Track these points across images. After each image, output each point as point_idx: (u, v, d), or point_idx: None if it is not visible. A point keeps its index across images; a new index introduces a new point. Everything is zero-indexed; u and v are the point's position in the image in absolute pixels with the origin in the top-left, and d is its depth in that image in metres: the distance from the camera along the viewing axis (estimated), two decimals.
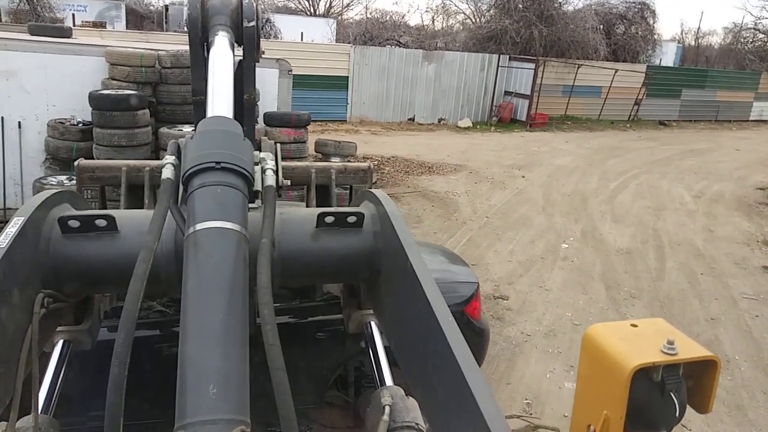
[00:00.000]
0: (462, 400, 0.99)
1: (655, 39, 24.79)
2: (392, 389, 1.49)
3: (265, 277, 1.02)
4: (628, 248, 7.70)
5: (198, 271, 1.00)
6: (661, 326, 1.73)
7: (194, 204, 1.11)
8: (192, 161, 1.17)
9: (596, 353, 1.71)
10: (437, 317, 1.13)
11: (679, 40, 41.25)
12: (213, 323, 0.93)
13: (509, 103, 18.60)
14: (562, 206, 9.53)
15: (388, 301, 1.50)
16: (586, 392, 1.79)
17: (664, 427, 1.65)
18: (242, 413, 0.84)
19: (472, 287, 4.20)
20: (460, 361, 1.02)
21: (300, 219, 1.51)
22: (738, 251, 7.93)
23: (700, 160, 14.91)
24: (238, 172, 1.18)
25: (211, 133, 1.25)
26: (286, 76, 7.78)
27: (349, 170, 2.60)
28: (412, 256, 1.30)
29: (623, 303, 6.01)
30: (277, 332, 0.94)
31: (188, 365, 0.87)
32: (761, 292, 6.53)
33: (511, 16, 20.31)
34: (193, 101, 1.65)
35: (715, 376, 1.63)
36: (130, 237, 1.37)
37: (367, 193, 1.69)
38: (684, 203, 10.34)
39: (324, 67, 16.04)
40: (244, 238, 1.09)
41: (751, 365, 4.95)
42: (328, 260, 1.50)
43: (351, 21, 31.34)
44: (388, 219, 1.45)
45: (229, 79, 1.53)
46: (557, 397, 4.24)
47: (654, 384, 1.60)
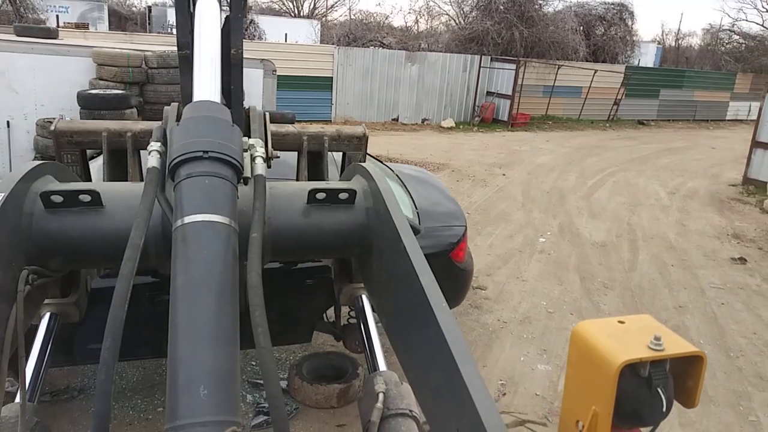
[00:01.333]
0: (454, 388, 0.98)
1: (633, 40, 25.27)
2: (386, 375, 1.49)
3: (256, 276, 0.99)
4: (603, 242, 7.98)
5: (187, 268, 0.98)
6: (647, 322, 1.84)
7: (181, 195, 1.08)
8: (178, 150, 1.13)
9: (584, 350, 1.76)
10: (431, 304, 1.11)
11: (660, 42, 41.94)
12: (203, 322, 0.91)
13: (491, 103, 18.90)
14: (540, 203, 9.80)
15: (379, 279, 1.48)
16: (575, 388, 1.86)
17: (652, 422, 1.71)
18: (233, 413, 0.83)
19: (460, 231, 4.42)
20: (454, 351, 1.00)
21: (290, 195, 1.48)
22: (708, 244, 8.24)
23: (677, 158, 15.30)
24: (227, 162, 1.14)
25: (197, 120, 1.20)
26: (271, 77, 7.95)
27: (342, 136, 2.47)
28: (405, 237, 1.28)
29: (596, 293, 6.27)
30: (268, 334, 0.92)
31: (178, 366, 0.86)
32: (728, 282, 6.83)
33: (493, 17, 20.64)
34: (179, 56, 1.57)
35: (701, 371, 1.72)
36: (115, 212, 1.33)
37: (359, 167, 1.65)
38: (659, 199, 10.67)
39: (308, 68, 16.22)
40: (233, 231, 1.07)
41: (714, 348, 5.23)
42: (319, 236, 1.47)
43: (335, 22, 31.51)
44: (381, 196, 1.42)
45: (216, 40, 1.46)
46: (530, 378, 4.48)
47: (641, 379, 1.65)
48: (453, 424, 1.00)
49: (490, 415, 0.89)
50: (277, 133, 2.29)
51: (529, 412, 4.05)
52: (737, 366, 4.93)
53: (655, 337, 1.66)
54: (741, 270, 7.29)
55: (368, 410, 1.38)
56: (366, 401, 1.44)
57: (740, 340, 5.41)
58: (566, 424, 1.85)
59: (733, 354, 5.15)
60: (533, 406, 4.13)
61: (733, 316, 5.93)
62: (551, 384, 4.43)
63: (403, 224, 1.32)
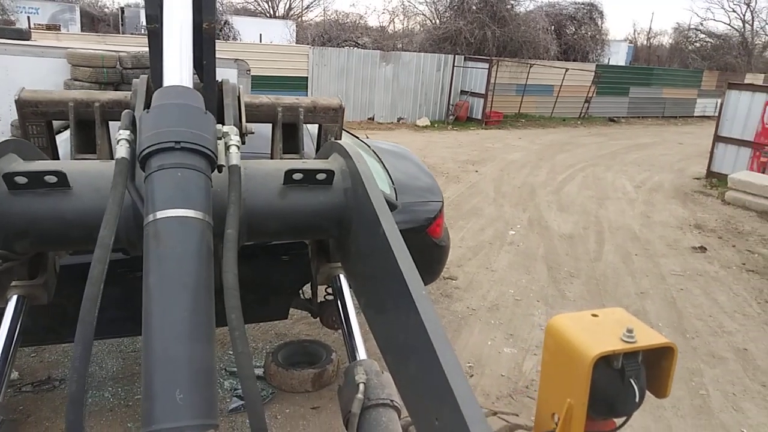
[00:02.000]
0: (432, 376, 0.98)
1: (603, 39, 25.81)
2: (366, 364, 1.47)
3: (232, 277, 0.97)
4: (570, 233, 8.26)
5: (159, 266, 0.95)
6: (620, 315, 1.90)
7: (153, 189, 1.04)
8: (149, 140, 1.09)
9: (559, 343, 1.81)
10: (409, 289, 1.10)
11: (631, 40, 42.77)
12: (178, 322, 0.89)
13: (465, 102, 19.18)
14: (511, 197, 10.07)
15: (357, 260, 1.46)
16: (550, 382, 1.89)
17: (625, 413, 1.77)
18: (210, 416, 0.82)
19: (437, 206, 4.45)
20: (432, 338, 1.00)
21: (266, 175, 1.44)
22: (671, 234, 8.58)
23: (645, 153, 15.73)
24: (200, 152, 1.10)
25: (168, 107, 1.15)
26: (245, 76, 8.07)
27: (318, 108, 2.41)
28: (384, 220, 1.26)
29: (562, 281, 6.53)
30: (246, 339, 0.91)
31: (153, 368, 0.84)
32: (688, 269, 7.15)
33: (465, 17, 20.94)
34: (147, 29, 1.49)
35: (673, 361, 1.77)
36: (83, 193, 1.28)
37: (336, 144, 1.62)
38: (626, 193, 11.02)
39: (283, 68, 16.32)
40: (207, 226, 1.04)
41: (671, 330, 5.52)
42: (296, 217, 1.44)
43: (311, 23, 31.58)
44: (359, 176, 1.40)
45: (187, 13, 1.39)
46: (496, 361, 4.70)
47: (615, 371, 1.69)
48: (432, 412, 0.99)
49: (469, 405, 0.89)
50: (251, 104, 2.22)
51: (494, 391, 4.28)
52: (692, 346, 5.22)
53: (628, 329, 1.70)
54: (701, 258, 7.63)
55: (348, 401, 1.36)
56: (346, 392, 1.42)
57: (696, 323, 5.71)
58: (542, 418, 1.89)
59: (689, 335, 5.44)
60: (498, 386, 4.35)
61: (691, 300, 6.23)
62: (516, 366, 4.65)
63: (381, 206, 1.30)
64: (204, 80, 1.58)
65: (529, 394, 4.28)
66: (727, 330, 5.59)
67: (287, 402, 4.02)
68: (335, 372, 4.28)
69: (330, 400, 4.07)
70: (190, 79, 1.28)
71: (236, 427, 3.70)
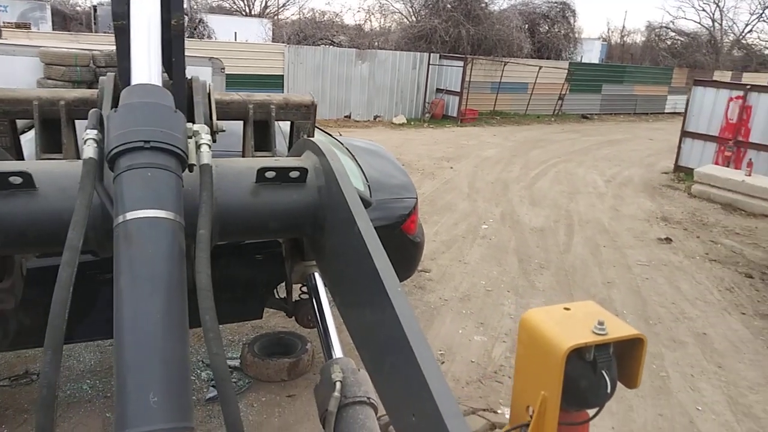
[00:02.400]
0: (409, 373, 0.98)
1: (576, 37, 26.24)
2: (342, 362, 1.46)
3: (205, 278, 0.96)
4: (541, 227, 8.48)
5: (130, 268, 0.93)
6: (591, 308, 1.93)
7: (122, 189, 1.02)
8: (117, 139, 1.07)
9: (532, 337, 1.83)
10: (385, 286, 1.10)
11: (605, 38, 43.45)
12: (150, 325, 0.87)
13: (441, 99, 19.38)
14: (485, 193, 10.27)
15: (332, 258, 1.45)
16: (524, 375, 1.91)
17: (597, 404, 1.81)
18: (185, 418, 0.81)
19: (411, 202, 4.46)
20: (408, 335, 1.00)
21: (238, 173, 1.43)
22: (638, 226, 8.85)
23: (616, 149, 16.09)
24: (170, 152, 1.08)
25: (137, 106, 1.13)
26: (219, 74, 8.12)
27: (290, 105, 2.38)
28: (359, 217, 1.25)
29: (533, 272, 6.73)
30: (221, 340, 0.91)
31: (126, 371, 0.83)
32: (653, 260, 7.41)
33: (440, 15, 21.14)
34: (114, 27, 1.46)
35: (642, 352, 1.80)
36: (50, 194, 1.25)
37: (309, 142, 1.60)
38: (596, 187, 11.30)
39: (259, 67, 16.34)
40: (179, 226, 1.02)
41: (635, 317, 5.74)
42: (269, 216, 1.43)
43: (287, 21, 31.53)
44: (333, 174, 1.39)
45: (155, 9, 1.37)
46: (467, 348, 4.86)
47: (587, 363, 1.72)
48: (409, 409, 0.99)
49: (446, 401, 0.90)
50: (222, 101, 2.19)
51: (464, 376, 4.44)
52: (654, 331, 5.44)
53: (599, 321, 1.73)
54: (666, 249, 7.90)
55: (325, 399, 1.35)
56: (322, 390, 1.41)
57: (659, 310, 5.94)
58: (517, 411, 1.92)
59: (652, 321, 5.67)
60: (468, 372, 4.51)
61: (655, 289, 6.47)
62: (486, 352, 4.82)
63: (356, 203, 1.29)
64: (173, 78, 1.55)
65: (498, 378, 4.45)
66: (689, 316, 5.83)
67: (263, 391, 4.13)
68: (311, 361, 4.40)
69: (305, 388, 4.19)
70: (159, 77, 1.26)
71: (213, 415, 3.79)
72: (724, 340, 5.37)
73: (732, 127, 11.81)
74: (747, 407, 4.34)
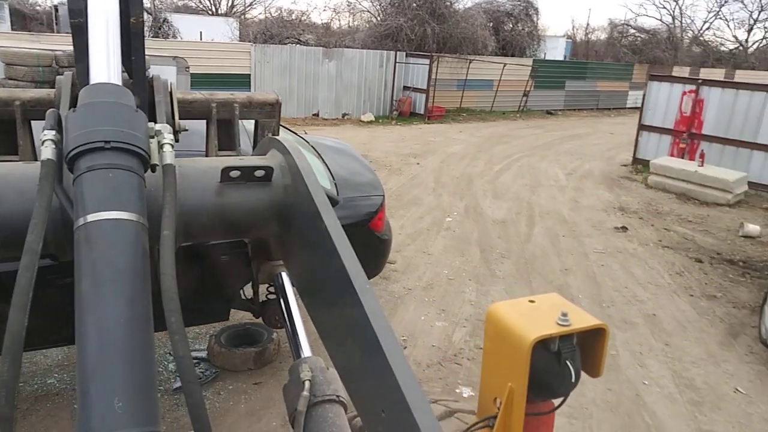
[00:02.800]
0: (377, 369, 0.98)
1: (539, 35, 26.75)
2: (311, 361, 1.46)
3: (170, 279, 0.95)
4: (503, 219, 8.74)
5: (93, 271, 0.91)
6: (555, 300, 1.95)
7: (82, 191, 1.00)
8: (76, 140, 1.04)
9: (498, 330, 1.85)
10: (353, 284, 1.10)
11: (570, 36, 44.28)
12: (113, 329, 0.86)
13: (408, 97, 19.61)
14: (450, 187, 10.50)
15: (299, 257, 1.45)
16: (492, 367, 1.93)
17: (562, 393, 1.83)
18: (152, 423, 0.81)
19: (378, 200, 4.48)
20: (377, 331, 1.01)
21: (202, 173, 1.41)
22: (596, 216, 9.18)
23: (578, 143, 16.52)
24: (132, 152, 1.06)
25: (96, 106, 1.10)
26: (184, 73, 8.17)
27: (254, 103, 2.35)
28: (326, 216, 1.25)
29: (494, 262, 6.96)
30: (187, 342, 0.90)
31: (89, 377, 0.81)
32: (609, 247, 7.72)
33: (405, 14, 21.36)
34: (71, 25, 1.41)
35: (605, 342, 1.84)
36: (6, 196, 1.22)
37: (274, 140, 1.59)
38: (557, 180, 11.64)
39: (225, 66, 16.32)
40: (142, 228, 1.01)
41: (590, 301, 6.01)
42: (234, 216, 1.42)
43: (254, 20, 31.39)
44: (299, 172, 1.38)
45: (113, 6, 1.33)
46: (428, 333, 5.05)
47: (552, 354, 1.75)
48: (378, 405, 0.99)
49: (415, 396, 0.90)
50: (184, 100, 2.14)
51: (425, 360, 4.63)
52: (607, 314, 5.72)
53: (563, 313, 1.76)
54: (622, 237, 8.23)
55: (294, 399, 1.35)
56: (291, 390, 1.40)
57: (613, 294, 6.23)
58: (484, 403, 1.95)
59: (606, 305, 5.95)
60: (429, 355, 4.70)
61: (609, 274, 6.77)
62: (446, 337, 5.02)
63: (322, 201, 1.28)
64: (133, 77, 1.52)
65: (457, 361, 4.65)
66: (640, 299, 6.13)
67: (230, 379, 4.25)
68: (276, 350, 4.54)
69: (271, 376, 4.32)
70: (118, 76, 1.25)
71: (180, 404, 3.90)
72: (672, 320, 5.68)
73: (686, 120, 12.28)
74: (689, 380, 4.63)
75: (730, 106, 11.61)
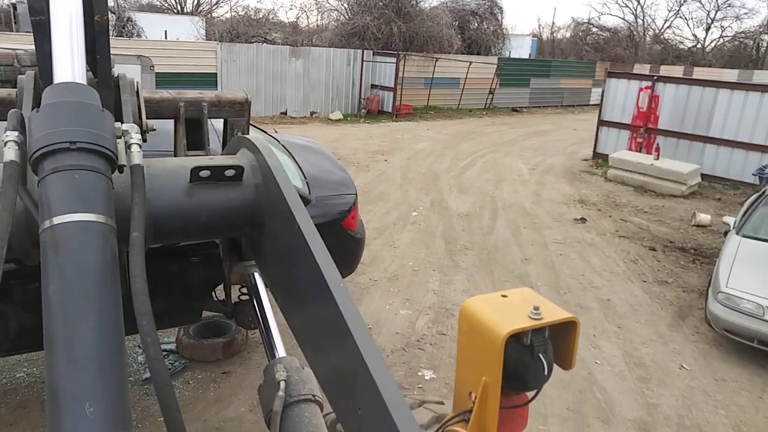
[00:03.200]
0: (353, 367, 0.98)
1: (504, 33, 27.22)
2: (286, 361, 1.44)
3: (140, 281, 0.94)
4: (467, 212, 8.98)
5: (60, 275, 0.90)
6: (527, 295, 1.97)
7: (47, 193, 0.98)
8: (40, 141, 1.01)
9: (472, 325, 1.86)
10: (327, 282, 1.09)
11: (535, 35, 45.00)
12: (83, 333, 0.84)
13: (376, 95, 19.77)
14: (416, 183, 10.70)
15: (272, 256, 1.44)
16: (466, 363, 1.94)
17: (536, 386, 1.85)
18: (123, 426, 0.80)
19: (351, 198, 4.44)
20: (352, 329, 1.00)
21: (171, 173, 1.39)
22: (557, 209, 9.49)
23: (542, 139, 16.92)
24: (99, 152, 1.04)
25: (61, 106, 1.07)
26: (149, 72, 8.17)
27: (223, 102, 2.32)
28: (298, 214, 1.24)
29: (458, 253, 7.18)
30: (159, 345, 0.90)
31: (59, 383, 0.80)
32: (567, 238, 8.02)
33: (372, 13, 21.53)
34: (32, 23, 1.36)
35: (576, 334, 1.86)
36: None
37: (244, 139, 1.57)
38: (520, 175, 11.95)
39: (191, 65, 16.24)
40: (110, 229, 0.99)
41: (548, 289, 6.27)
42: (204, 216, 1.40)
43: (220, 19, 31.15)
44: (270, 171, 1.37)
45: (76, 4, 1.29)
46: (393, 321, 5.24)
47: (524, 347, 1.78)
48: (355, 402, 1.00)
49: (391, 393, 0.90)
50: (151, 99, 2.11)
51: (390, 346, 4.80)
52: (564, 299, 5.98)
53: (534, 307, 1.79)
54: (580, 227, 8.54)
55: (270, 400, 1.34)
56: (267, 390, 1.40)
57: (570, 281, 6.51)
58: (460, 398, 1.96)
59: (563, 291, 6.21)
60: (394, 342, 4.88)
61: (567, 263, 7.05)
62: (410, 324, 5.21)
63: (295, 201, 1.28)
64: (98, 76, 1.50)
65: (420, 346, 4.84)
66: (596, 285, 6.42)
67: (199, 369, 4.36)
68: (244, 341, 4.66)
69: (240, 365, 4.44)
70: (83, 75, 1.22)
71: (150, 393, 4.00)
72: (625, 305, 5.97)
73: (643, 116, 12.73)
74: (639, 359, 4.91)
75: (684, 102, 12.09)
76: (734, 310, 4.95)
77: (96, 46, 1.43)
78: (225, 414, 3.85)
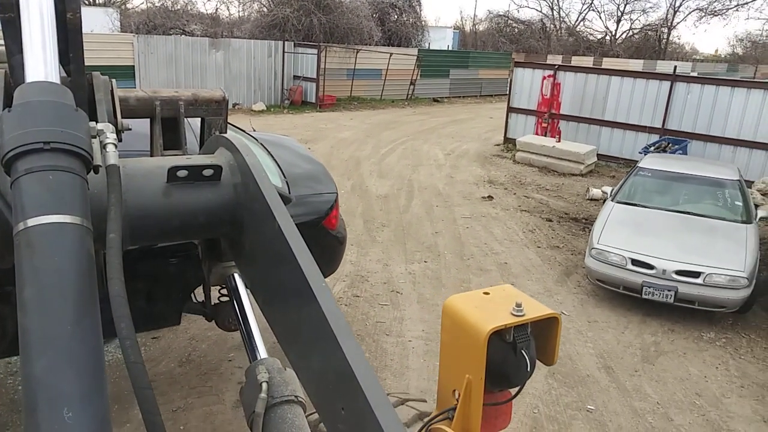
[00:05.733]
0: (336, 367, 0.98)
1: (423, 25, 28.06)
2: (268, 362, 1.44)
3: (118, 284, 0.92)
4: (386, 194, 9.58)
5: (36, 278, 0.89)
6: (509, 292, 1.98)
7: (21, 194, 0.96)
8: (13, 141, 1.00)
9: (455, 322, 1.86)
10: (308, 282, 1.09)
11: (457, 27, 46.27)
12: (60, 338, 0.83)
13: (299, 86, 20.07)
14: (339, 169, 11.20)
15: (252, 257, 1.42)
16: (449, 360, 1.94)
17: (519, 382, 1.86)
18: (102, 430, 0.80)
19: (332, 197, 4.41)
20: (334, 328, 1.00)
21: (147, 173, 1.37)
22: (468, 189, 10.26)
23: (459, 127, 17.81)
24: (73, 153, 1.02)
25: (34, 105, 1.05)
26: None
27: (200, 101, 2.30)
28: (278, 213, 1.24)
29: (375, 230, 7.76)
30: (138, 348, 0.88)
31: (36, 388, 0.79)
32: (475, 213, 8.77)
33: (292, 5, 21.75)
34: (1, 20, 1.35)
35: (558, 330, 1.87)
36: None
37: (222, 138, 1.56)
38: (436, 159, 12.69)
39: (106, 58, 15.95)
40: (87, 231, 0.98)
41: (453, 256, 6.96)
42: (182, 217, 1.38)
43: (135, 10, 30.28)
44: (249, 170, 1.36)
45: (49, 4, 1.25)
46: None
47: (507, 344, 1.79)
48: (338, 402, 0.99)
49: (374, 392, 0.90)
50: (126, 98, 2.08)
51: None
52: (467, 264, 6.68)
53: (516, 304, 1.79)
54: (487, 204, 9.33)
55: (252, 401, 1.34)
56: (248, 392, 1.39)
57: (473, 249, 7.23)
58: (443, 396, 1.98)
59: (466, 257, 6.92)
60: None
61: (473, 234, 7.78)
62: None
63: (275, 200, 1.27)
64: (72, 74, 1.47)
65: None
66: (495, 251, 7.17)
67: None
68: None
69: (169, 330, 4.80)
70: (56, 74, 1.19)
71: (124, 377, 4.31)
72: (520, 266, 6.74)
73: (546, 102, 13.77)
74: None
75: (582, 89, 13.20)
76: (604, 263, 5.79)
77: (68, 43, 1.40)
78: (156, 369, 4.24)
